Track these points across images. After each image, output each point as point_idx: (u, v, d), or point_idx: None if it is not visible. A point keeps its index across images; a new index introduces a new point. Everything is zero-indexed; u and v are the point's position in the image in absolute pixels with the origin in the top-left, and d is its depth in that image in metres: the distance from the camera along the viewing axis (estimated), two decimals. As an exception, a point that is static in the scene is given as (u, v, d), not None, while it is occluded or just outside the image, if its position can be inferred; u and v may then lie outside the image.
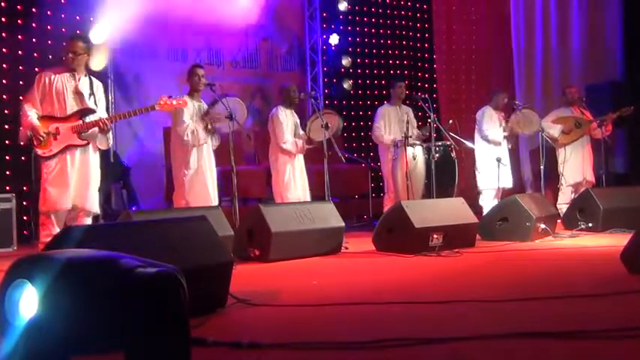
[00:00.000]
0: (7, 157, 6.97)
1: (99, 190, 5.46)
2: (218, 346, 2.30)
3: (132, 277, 1.89)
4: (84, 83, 5.31)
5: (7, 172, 6.95)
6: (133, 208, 7.79)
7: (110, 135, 5.40)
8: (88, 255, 2.06)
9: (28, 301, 1.88)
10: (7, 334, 1.88)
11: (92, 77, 5.42)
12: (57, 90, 5.18)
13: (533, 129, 7.73)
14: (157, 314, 1.85)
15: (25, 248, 6.11)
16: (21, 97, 5.34)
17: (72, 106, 5.21)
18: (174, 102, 5.52)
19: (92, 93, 5.32)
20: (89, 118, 5.23)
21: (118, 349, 1.83)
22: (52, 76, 5.20)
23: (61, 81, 5.22)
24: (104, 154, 7.90)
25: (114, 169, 7.93)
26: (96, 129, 5.20)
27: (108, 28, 7.50)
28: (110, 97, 8.04)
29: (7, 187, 6.68)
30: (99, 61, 7.61)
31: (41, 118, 5.13)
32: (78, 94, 5.25)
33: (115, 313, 1.86)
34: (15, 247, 6.33)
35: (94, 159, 5.33)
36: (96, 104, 5.33)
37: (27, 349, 1.84)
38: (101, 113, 5.35)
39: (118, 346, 1.83)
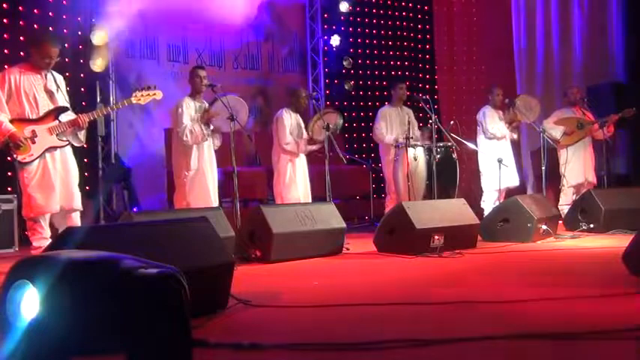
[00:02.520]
0: (8, 158, 6.97)
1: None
2: (219, 347, 2.30)
3: (133, 277, 1.89)
4: (50, 80, 5.10)
5: (9, 174, 6.95)
6: (134, 209, 7.80)
7: (84, 132, 5.19)
8: (90, 256, 2.06)
9: (30, 302, 1.88)
10: (9, 335, 1.88)
11: (53, 72, 5.17)
12: (25, 90, 4.94)
13: (536, 113, 7.70)
14: (158, 315, 1.85)
15: (27, 249, 6.10)
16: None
17: (44, 106, 5.00)
18: (150, 94, 5.42)
19: (58, 87, 5.13)
20: (63, 117, 5.07)
21: (120, 350, 1.83)
22: (18, 76, 4.95)
23: (29, 80, 4.98)
24: (105, 156, 7.96)
25: (115, 170, 7.94)
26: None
27: (109, 29, 7.51)
28: (111, 98, 8.05)
29: (9, 188, 6.68)
30: (101, 63, 7.64)
31: (12, 121, 4.89)
32: (48, 92, 5.05)
33: (116, 314, 1.86)
34: (16, 248, 6.33)
35: (71, 156, 5.18)
36: (66, 100, 5.18)
37: (28, 350, 1.84)
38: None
39: (120, 347, 1.83)
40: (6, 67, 5.23)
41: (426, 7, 11.33)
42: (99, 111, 5.58)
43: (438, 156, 7.21)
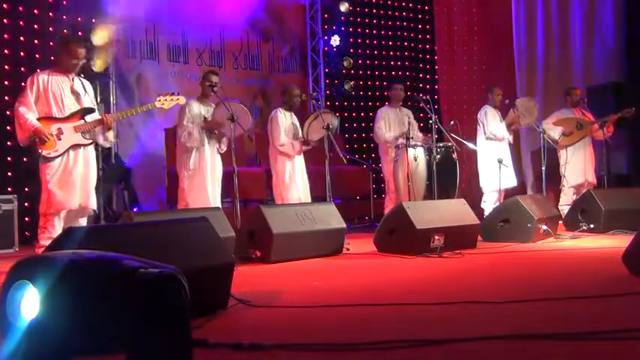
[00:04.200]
0: (8, 159, 6.98)
1: (98, 190, 5.45)
2: (219, 347, 2.30)
3: (133, 278, 1.89)
4: (77, 83, 5.32)
5: (9, 174, 6.95)
6: (135, 209, 7.80)
7: (112, 133, 5.42)
8: (90, 256, 2.06)
9: (30, 302, 1.88)
10: (9, 335, 1.88)
11: (82, 79, 5.44)
12: (53, 91, 5.15)
13: (534, 116, 7.70)
14: (158, 315, 1.85)
15: (27, 249, 6.11)
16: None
17: (70, 107, 5.19)
18: (174, 99, 5.65)
19: (86, 91, 5.34)
20: (89, 117, 5.25)
21: (120, 351, 1.83)
22: (46, 78, 5.16)
23: (57, 82, 5.19)
24: (106, 156, 7.96)
25: (115, 171, 7.94)
26: (99, 127, 5.25)
27: (109, 30, 7.52)
28: (112, 98, 8.06)
29: (9, 189, 6.69)
30: (101, 63, 7.64)
31: (40, 119, 5.07)
32: (74, 94, 5.25)
33: (116, 314, 1.86)
34: (16, 249, 6.34)
35: (93, 156, 5.37)
36: (93, 103, 5.39)
37: (28, 350, 1.84)
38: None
39: (120, 348, 1.83)
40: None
41: (426, 7, 11.34)
42: (124, 112, 5.72)
43: (438, 156, 7.20)
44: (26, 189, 6.70)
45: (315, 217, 5.32)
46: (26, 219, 6.83)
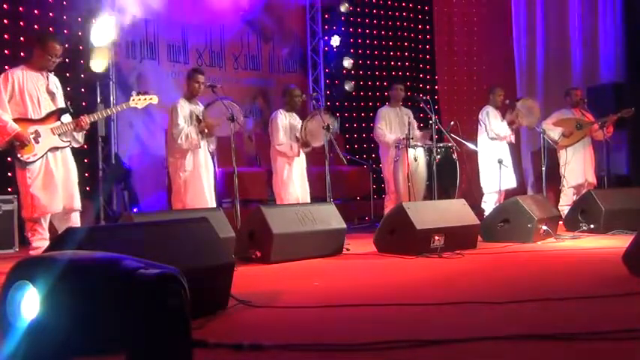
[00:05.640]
0: (8, 159, 6.97)
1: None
2: (219, 347, 2.30)
3: (133, 278, 1.89)
4: (52, 82, 5.14)
5: (9, 174, 6.95)
6: (135, 210, 7.80)
7: (82, 133, 5.22)
8: (90, 256, 2.06)
9: (30, 303, 1.89)
10: (9, 336, 1.88)
11: (51, 74, 5.21)
12: (29, 91, 4.96)
13: (536, 116, 7.70)
14: (158, 316, 1.85)
15: (27, 250, 6.10)
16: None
17: (46, 107, 5.02)
18: (147, 98, 5.56)
19: (58, 90, 5.18)
20: (64, 118, 5.11)
21: (120, 351, 1.83)
22: (21, 75, 4.96)
23: (32, 81, 4.99)
24: (106, 156, 7.97)
25: (115, 171, 7.94)
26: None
27: (109, 30, 7.51)
28: (112, 98, 8.05)
29: (9, 189, 6.68)
30: (101, 63, 7.64)
31: (15, 120, 4.89)
32: (50, 93, 5.08)
33: (116, 314, 1.86)
34: (16, 249, 6.33)
35: (71, 156, 5.21)
36: (64, 102, 5.21)
37: (29, 351, 1.84)
38: None
39: (120, 348, 1.84)
40: (7, 67, 5.24)
41: (426, 7, 11.34)
42: (100, 113, 5.62)
43: (439, 156, 7.20)
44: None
45: (315, 218, 5.32)
46: (26, 219, 6.82)
